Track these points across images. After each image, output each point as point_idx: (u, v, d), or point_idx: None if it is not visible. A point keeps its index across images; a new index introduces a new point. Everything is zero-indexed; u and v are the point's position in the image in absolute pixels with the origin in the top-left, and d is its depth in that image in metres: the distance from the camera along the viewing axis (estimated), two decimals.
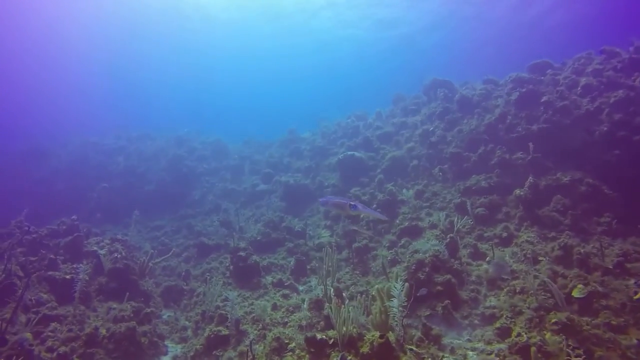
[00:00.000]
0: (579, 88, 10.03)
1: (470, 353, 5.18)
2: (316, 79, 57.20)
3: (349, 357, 4.30)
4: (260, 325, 6.30)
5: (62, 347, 5.91)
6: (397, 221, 10.18)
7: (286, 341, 5.25)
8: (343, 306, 4.68)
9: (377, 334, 4.33)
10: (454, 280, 6.76)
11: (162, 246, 13.11)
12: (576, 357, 4.28)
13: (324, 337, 4.65)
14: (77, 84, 57.12)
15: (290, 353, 5.00)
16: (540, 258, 6.93)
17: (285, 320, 6.55)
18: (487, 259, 7.60)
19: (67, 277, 7.41)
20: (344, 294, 6.85)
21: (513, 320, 5.47)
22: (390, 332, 4.78)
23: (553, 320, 4.85)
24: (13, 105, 50.51)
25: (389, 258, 8.71)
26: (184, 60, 49.45)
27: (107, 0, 32.53)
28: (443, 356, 4.90)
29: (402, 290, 4.47)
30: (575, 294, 5.36)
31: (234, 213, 13.68)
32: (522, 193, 8.74)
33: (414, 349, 4.83)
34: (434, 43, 38.63)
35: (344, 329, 4.48)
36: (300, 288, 8.53)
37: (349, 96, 54.82)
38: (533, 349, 4.47)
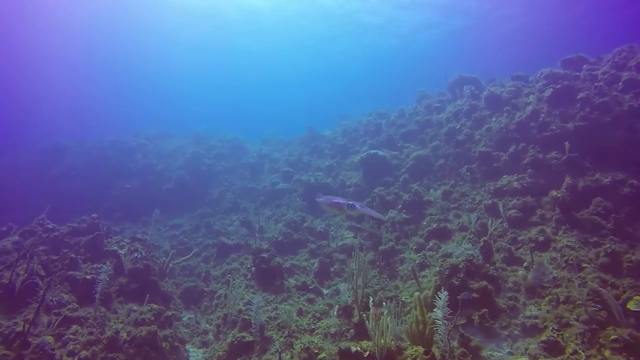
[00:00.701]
0: (620, 83, 9.44)
1: None
2: (335, 77, 56.60)
3: None
4: (286, 332, 6.01)
5: (83, 351, 5.73)
6: (425, 223, 9.79)
7: (316, 351, 4.95)
8: (382, 316, 4.34)
9: (421, 349, 3.99)
10: (491, 286, 6.36)
11: (181, 245, 13.00)
12: None
13: (359, 349, 4.33)
14: (94, 82, 58.07)
15: None
16: (584, 265, 6.46)
17: (312, 327, 6.25)
18: (525, 264, 7.16)
19: (88, 277, 7.25)
20: (373, 301, 6.51)
21: (561, 333, 5.05)
22: (434, 346, 4.41)
23: (613, 337, 4.41)
24: (31, 104, 51.62)
25: (417, 262, 8.33)
26: (203, 59, 49.59)
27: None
28: None
29: (446, 300, 4.11)
30: (632, 306, 4.91)
31: (253, 212, 13.47)
32: (559, 195, 8.24)
33: None
34: (456, 41, 37.85)
35: (382, 341, 4.16)
36: (325, 292, 8.23)
37: (368, 94, 54.17)
38: None
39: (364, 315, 5.52)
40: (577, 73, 10.64)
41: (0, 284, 6.54)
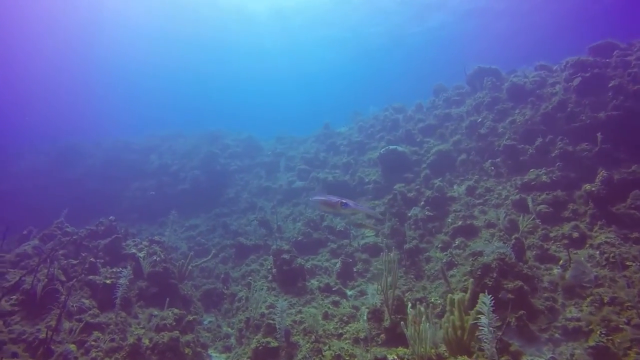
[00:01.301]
0: None
1: None
2: (349, 72, 55.96)
3: None
4: (313, 337, 5.77)
5: (106, 359, 5.59)
6: (449, 220, 9.46)
7: (347, 359, 4.70)
8: (422, 323, 4.07)
9: (466, 358, 3.71)
10: (526, 287, 6.03)
11: (199, 246, 12.89)
12: None
13: (395, 357, 4.07)
14: (108, 83, 58.72)
15: None
16: (627, 263, 6.08)
17: (340, 331, 6.00)
18: (560, 262, 6.79)
19: (108, 282, 7.13)
20: (412, 306, 6.23)
21: (610, 338, 4.70)
22: (478, 354, 4.12)
23: None
24: (45, 105, 52.45)
25: (444, 261, 8.02)
26: (210, 57, 49.62)
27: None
28: None
29: (490, 304, 3.81)
30: None
31: (270, 211, 13.28)
32: (593, 188, 7.82)
33: None
34: (467, 32, 37.10)
35: (422, 349, 3.89)
36: (349, 293, 7.97)
37: (383, 89, 53.48)
38: None
39: (398, 318, 5.25)
40: (607, 60, 10.16)
41: (22, 290, 6.48)
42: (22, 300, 6.39)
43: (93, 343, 5.82)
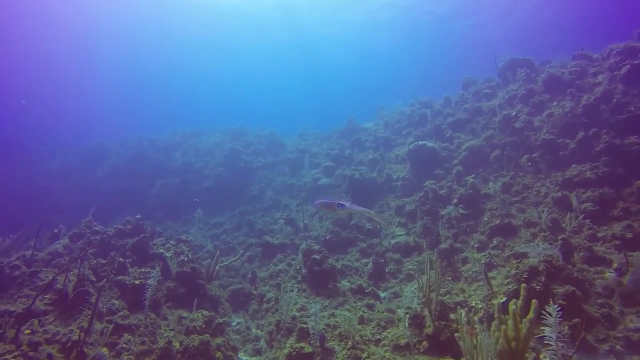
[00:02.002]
0: None
1: None
2: (369, 68, 55.25)
3: None
4: (350, 343, 5.50)
5: None
6: (485, 218, 9.03)
7: None
8: (477, 334, 3.76)
9: None
10: (578, 292, 5.61)
11: (224, 245, 12.81)
12: None
13: None
14: (131, 82, 59.78)
15: None
16: None
17: (378, 337, 5.72)
18: (615, 265, 6.32)
19: (137, 282, 7.03)
20: (466, 315, 5.89)
21: None
22: None
23: None
24: (76, 105, 53.79)
25: (483, 262, 7.62)
26: (230, 57, 49.83)
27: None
28: None
29: (557, 314, 3.47)
30: None
31: (295, 209, 13.08)
32: None
33: None
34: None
35: None
36: (382, 295, 7.68)
37: (404, 83, 52.57)
38: None
39: (442, 325, 4.94)
40: None
41: (55, 289, 6.45)
42: (55, 299, 6.36)
43: (124, 346, 5.71)
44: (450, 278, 7.64)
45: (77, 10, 33.43)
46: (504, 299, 5.95)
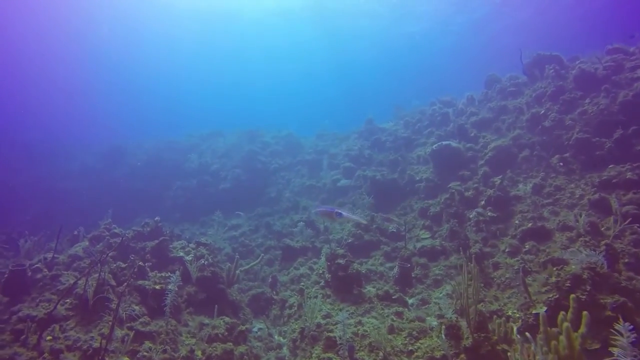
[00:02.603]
0: None
1: None
2: (388, 66, 54.45)
3: None
4: (381, 354, 5.21)
5: None
6: (516, 221, 8.61)
7: None
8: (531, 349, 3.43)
9: None
10: (630, 303, 5.20)
11: (243, 247, 12.63)
12: None
13: None
14: (146, 86, 60.53)
15: None
16: None
17: (410, 348, 5.41)
18: None
19: (157, 287, 6.86)
20: (517, 330, 5.55)
21: None
22: None
23: None
24: (95, 107, 54.71)
25: (516, 267, 7.24)
26: (247, 55, 49.95)
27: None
28: None
29: (630, 335, 3.12)
30: None
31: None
32: None
33: None
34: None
35: None
36: (410, 301, 7.36)
37: (421, 83, 51.71)
38: None
39: (482, 337, 4.62)
40: None
41: (75, 294, 6.33)
42: (76, 304, 6.24)
43: (145, 354, 5.52)
44: (481, 284, 7.26)
45: (94, 11, 33.96)
46: (544, 308, 5.58)
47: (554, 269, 5.92)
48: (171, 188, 18.09)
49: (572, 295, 4.78)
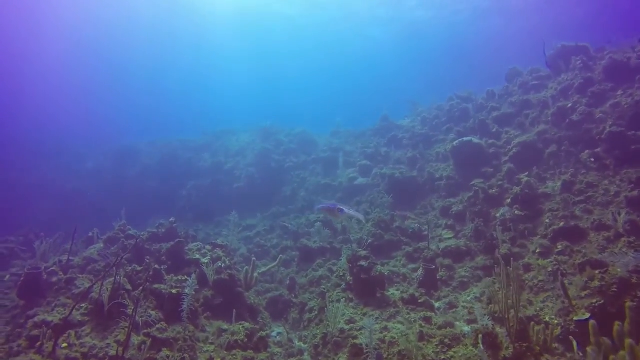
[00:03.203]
0: None
1: None
2: (403, 62, 53.70)
3: None
4: None
5: None
6: (546, 220, 8.18)
7: None
8: None
9: None
10: None
11: (258, 248, 12.40)
12: None
13: None
14: (160, 83, 60.90)
15: None
16: None
17: (443, 357, 5.07)
18: None
19: (174, 291, 6.63)
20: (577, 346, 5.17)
21: None
22: None
23: None
24: (106, 105, 55.24)
25: (549, 269, 6.84)
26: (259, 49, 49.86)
27: None
28: None
29: None
30: None
31: None
32: None
33: None
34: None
35: None
36: (436, 305, 7.00)
37: (438, 78, 50.83)
38: None
39: (524, 348, 4.26)
40: None
41: (90, 299, 6.14)
42: (91, 309, 6.06)
43: None
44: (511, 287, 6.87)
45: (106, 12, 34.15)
46: (587, 315, 5.19)
47: (597, 272, 5.53)
48: (185, 187, 17.95)
49: (628, 303, 4.40)
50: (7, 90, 44.76)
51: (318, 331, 6.67)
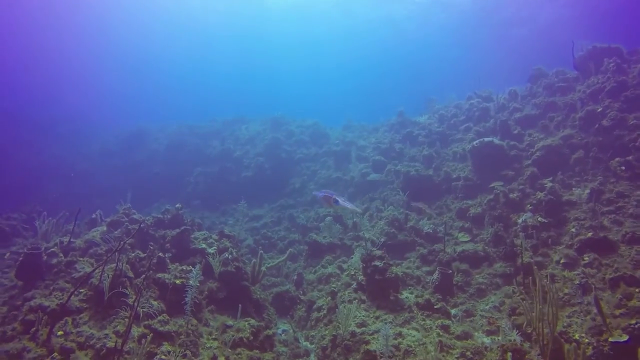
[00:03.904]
0: None
1: None
2: (419, 58, 52.67)
3: None
4: None
5: None
6: (572, 229, 7.73)
7: None
8: None
9: None
10: None
11: (265, 239, 12.08)
12: None
13: None
14: (169, 70, 60.66)
15: None
16: None
17: None
18: None
19: (178, 282, 6.30)
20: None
21: None
22: None
23: None
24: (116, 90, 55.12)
25: (576, 282, 6.42)
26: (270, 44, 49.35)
27: None
28: None
29: None
30: None
31: None
32: None
33: None
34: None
35: None
36: (453, 312, 6.62)
37: (455, 76, 49.79)
38: None
39: None
40: None
41: (90, 285, 5.83)
42: (91, 296, 5.75)
43: (163, 358, 4.96)
44: (528, 298, 6.47)
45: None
46: (625, 337, 4.77)
47: (636, 289, 5.11)
48: (192, 174, 17.66)
49: (617, 311, 3.98)
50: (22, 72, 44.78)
51: (327, 332, 6.32)
